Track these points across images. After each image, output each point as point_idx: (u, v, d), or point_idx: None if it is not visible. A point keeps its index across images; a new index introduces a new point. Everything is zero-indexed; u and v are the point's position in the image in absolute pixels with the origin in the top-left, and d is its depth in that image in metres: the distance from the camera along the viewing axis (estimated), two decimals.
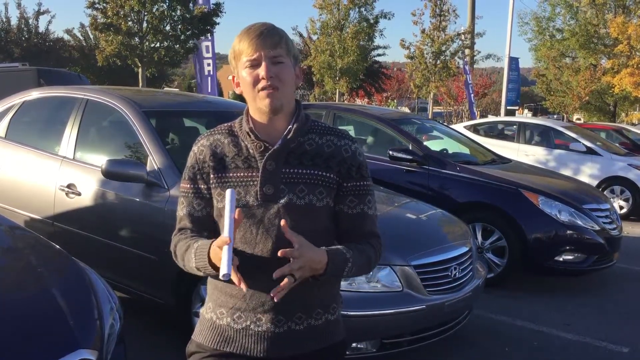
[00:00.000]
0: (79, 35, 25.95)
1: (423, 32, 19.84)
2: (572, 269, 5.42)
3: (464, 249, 3.78)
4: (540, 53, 25.06)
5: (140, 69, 13.92)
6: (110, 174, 3.60)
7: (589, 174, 9.91)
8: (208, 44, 15.44)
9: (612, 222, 5.70)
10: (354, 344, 3.20)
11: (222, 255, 1.38)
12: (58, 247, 2.73)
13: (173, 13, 13.76)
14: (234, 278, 1.42)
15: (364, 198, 1.62)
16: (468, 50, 22.17)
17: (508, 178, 5.69)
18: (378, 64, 31.51)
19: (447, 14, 19.78)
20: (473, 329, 4.21)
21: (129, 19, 13.29)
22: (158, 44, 13.91)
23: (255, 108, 1.56)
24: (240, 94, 1.59)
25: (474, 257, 3.94)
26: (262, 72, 1.50)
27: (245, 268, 1.45)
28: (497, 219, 5.42)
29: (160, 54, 13.76)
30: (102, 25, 13.28)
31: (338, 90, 20.47)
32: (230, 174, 1.57)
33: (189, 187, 1.62)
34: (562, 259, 5.31)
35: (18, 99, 4.84)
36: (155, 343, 3.70)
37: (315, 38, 21.04)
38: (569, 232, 5.30)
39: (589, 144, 10.15)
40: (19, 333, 1.86)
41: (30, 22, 24.84)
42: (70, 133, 4.23)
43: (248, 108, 1.61)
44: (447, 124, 12.01)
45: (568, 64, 24.69)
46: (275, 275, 1.41)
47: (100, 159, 3.75)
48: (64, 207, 4.04)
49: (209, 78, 15.38)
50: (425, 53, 19.90)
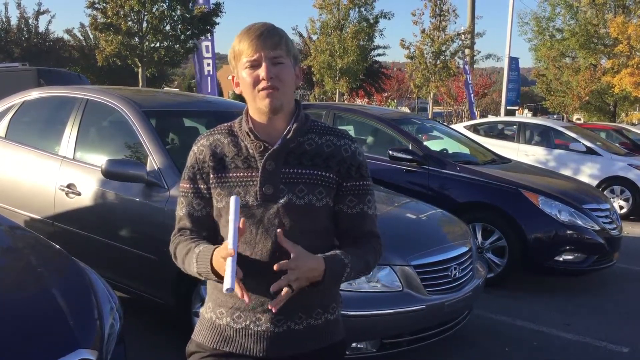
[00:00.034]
0: (79, 35, 25.97)
1: (423, 32, 19.84)
2: (572, 269, 5.42)
3: (464, 249, 3.78)
4: (540, 53, 25.06)
5: (140, 69, 13.92)
6: (110, 174, 3.60)
7: (589, 174, 9.91)
8: (208, 44, 15.46)
9: (612, 222, 5.70)
10: (354, 344, 3.20)
11: (225, 268, 1.38)
12: (58, 247, 2.73)
13: (173, 13, 13.77)
14: (238, 291, 1.42)
15: (364, 198, 1.62)
16: (468, 50, 22.18)
17: (508, 178, 5.69)
18: (378, 64, 31.51)
19: (447, 14, 19.78)
20: (473, 329, 4.21)
21: (129, 19, 13.30)
22: (158, 44, 13.91)
23: (255, 108, 1.56)
24: (240, 94, 1.59)
25: (474, 257, 3.94)
26: (262, 72, 1.50)
27: (245, 268, 1.45)
28: (497, 219, 5.42)
29: (160, 54, 13.77)
30: (102, 25, 13.28)
31: (338, 90, 20.47)
32: (230, 174, 1.57)
33: (189, 187, 1.62)
34: (562, 259, 5.31)
35: (18, 99, 4.84)
36: (155, 343, 3.70)
37: (315, 38, 21.04)
38: (569, 232, 5.30)
39: (589, 144, 10.15)
40: (19, 333, 1.86)
41: (30, 22, 24.86)
42: (70, 133, 4.23)
43: (247, 108, 1.61)
44: (447, 124, 12.00)
45: (568, 64, 24.69)
46: (273, 289, 1.42)
47: (100, 159, 3.75)
48: (64, 207, 4.04)
49: (209, 78, 15.39)
50: (425, 53, 19.90)
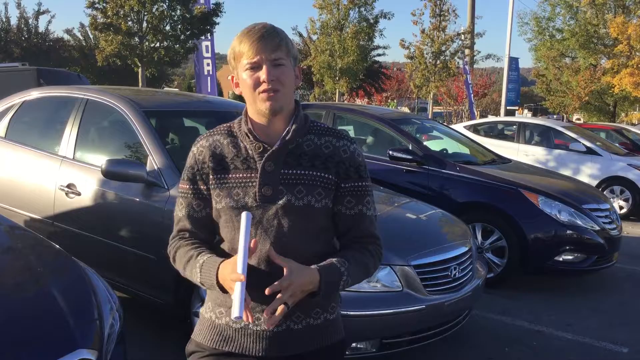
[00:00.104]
0: (79, 35, 25.99)
1: (423, 32, 19.86)
2: (572, 269, 5.42)
3: (464, 249, 3.78)
4: (540, 53, 25.07)
5: (140, 69, 13.94)
6: (110, 174, 3.60)
7: (589, 174, 9.91)
8: (208, 44, 15.48)
9: (612, 222, 5.70)
10: (354, 344, 3.20)
11: (234, 295, 1.38)
12: (58, 247, 2.73)
13: (173, 13, 13.79)
14: (245, 318, 1.41)
15: (362, 199, 1.62)
16: (468, 50, 22.20)
17: (508, 178, 5.69)
18: (378, 64, 31.51)
19: (447, 14, 19.80)
20: (473, 329, 4.21)
21: (129, 19, 13.32)
22: (158, 44, 13.94)
23: (255, 110, 1.56)
24: (240, 94, 1.59)
25: (474, 257, 3.94)
26: (263, 75, 1.50)
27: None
28: (496, 219, 5.42)
29: (160, 54, 13.79)
30: (101, 25, 13.30)
31: (338, 90, 20.48)
32: (230, 175, 1.57)
33: (188, 187, 1.62)
34: (562, 259, 5.31)
35: (18, 99, 4.84)
36: (155, 343, 3.70)
37: (315, 38, 21.05)
38: (569, 232, 5.30)
39: (589, 144, 10.15)
40: (19, 333, 1.86)
41: (30, 22, 24.85)
42: (70, 133, 4.23)
43: (247, 109, 1.61)
44: (447, 124, 12.00)
45: (568, 64, 24.71)
46: (266, 313, 1.42)
47: (100, 159, 3.75)
48: (64, 207, 4.04)
49: (209, 78, 15.41)
50: (425, 53, 19.92)
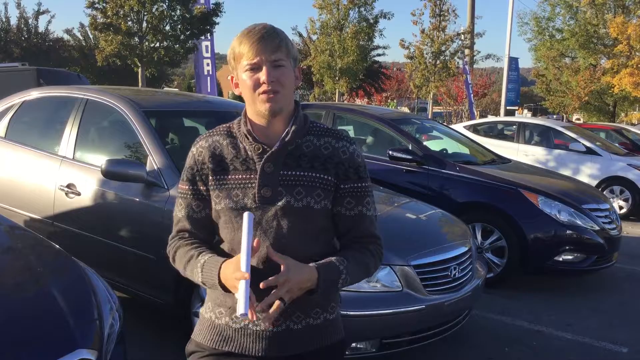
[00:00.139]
0: (79, 35, 26.00)
1: (423, 32, 19.85)
2: (571, 269, 5.42)
3: (464, 249, 3.79)
4: (540, 53, 25.07)
5: (140, 69, 13.94)
6: (110, 174, 3.60)
7: (589, 174, 9.92)
8: (207, 44, 15.48)
9: (611, 222, 5.70)
10: (354, 344, 3.20)
11: (239, 292, 1.38)
12: (58, 247, 2.73)
13: (173, 13, 13.80)
14: (250, 315, 1.40)
15: (362, 199, 1.62)
16: (468, 50, 22.19)
17: (508, 178, 5.69)
18: (378, 64, 31.51)
19: (446, 14, 19.79)
20: (473, 329, 4.22)
21: (129, 19, 13.32)
22: (158, 44, 13.94)
23: (254, 111, 1.56)
24: (239, 95, 1.59)
25: (474, 257, 3.94)
26: (263, 76, 1.50)
27: None
28: (496, 219, 5.42)
29: (160, 54, 13.79)
30: (101, 25, 13.30)
31: (338, 90, 20.47)
32: (229, 176, 1.57)
33: (188, 188, 1.62)
34: (561, 259, 5.31)
35: (17, 99, 4.84)
36: (155, 343, 3.70)
37: (315, 38, 21.04)
38: (569, 232, 5.30)
39: (589, 144, 10.16)
40: (19, 333, 1.86)
41: (30, 22, 24.86)
42: (70, 133, 4.23)
43: (246, 109, 1.60)
44: (446, 124, 12.00)
45: (568, 64, 24.71)
46: (261, 307, 1.41)
47: (100, 159, 3.75)
48: (64, 207, 4.04)
49: (209, 78, 15.41)
50: (425, 53, 19.91)
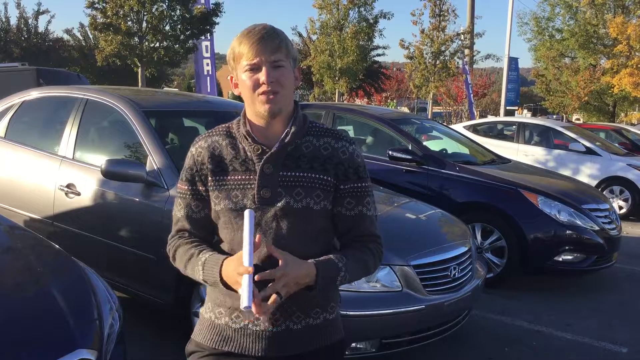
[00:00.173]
0: (79, 35, 26.00)
1: (422, 32, 19.85)
2: (571, 269, 5.43)
3: (463, 249, 3.79)
4: (540, 53, 25.06)
5: (140, 69, 13.94)
6: (110, 174, 3.60)
7: (589, 174, 9.92)
8: (207, 44, 15.47)
9: (611, 222, 5.71)
10: (354, 344, 3.20)
11: (242, 286, 1.38)
12: (58, 247, 2.73)
13: (172, 13, 13.79)
14: (254, 309, 1.40)
15: (362, 199, 1.62)
16: (467, 51, 22.18)
17: (507, 178, 5.69)
18: (377, 64, 31.50)
19: (446, 14, 19.78)
20: (472, 329, 4.22)
21: (129, 19, 13.32)
22: (157, 44, 13.94)
23: (254, 111, 1.55)
24: (239, 95, 1.59)
25: (474, 257, 3.94)
26: (262, 77, 1.49)
27: None
28: (496, 219, 5.42)
29: (160, 54, 13.78)
30: (101, 25, 13.30)
31: (337, 90, 20.47)
32: (228, 177, 1.57)
33: (187, 188, 1.62)
34: (561, 259, 5.31)
35: (17, 99, 4.84)
36: (155, 343, 3.71)
37: (315, 38, 21.03)
38: (569, 232, 5.30)
39: (589, 144, 10.16)
40: (19, 333, 1.86)
41: (30, 22, 24.86)
42: (70, 133, 4.23)
43: (245, 110, 1.60)
44: (446, 124, 12.00)
45: (567, 64, 24.70)
46: (257, 299, 1.40)
47: (100, 159, 3.75)
48: (64, 207, 4.04)
49: (208, 78, 15.40)
50: (425, 53, 19.90)
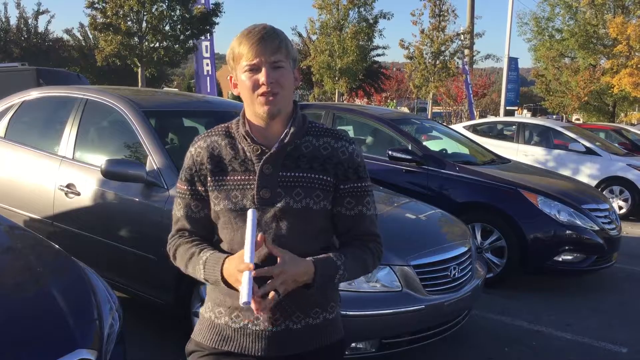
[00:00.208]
0: (79, 35, 26.01)
1: (422, 32, 19.85)
2: (571, 269, 5.43)
3: (463, 249, 3.79)
4: (540, 53, 25.06)
5: (140, 69, 13.94)
6: (110, 174, 3.60)
7: (588, 174, 9.92)
8: (207, 44, 15.47)
9: (611, 222, 5.71)
10: (353, 344, 3.20)
11: (242, 282, 1.38)
12: (58, 247, 2.73)
13: (172, 13, 13.80)
14: (254, 306, 1.41)
15: (362, 199, 1.62)
16: (467, 51, 22.18)
17: (507, 178, 5.69)
18: (377, 64, 31.50)
19: (446, 14, 19.78)
20: (472, 329, 4.22)
21: (128, 19, 13.33)
22: (157, 44, 13.94)
23: (253, 112, 1.55)
24: (238, 95, 1.59)
25: (473, 257, 3.94)
26: (262, 77, 1.49)
27: None
28: (496, 219, 5.42)
29: (160, 54, 13.79)
30: (101, 25, 13.30)
31: (337, 91, 20.46)
32: (228, 177, 1.57)
33: (186, 188, 1.62)
34: (561, 259, 5.31)
35: (17, 99, 4.84)
36: (155, 343, 3.70)
37: (315, 38, 21.03)
38: (568, 232, 5.30)
39: (588, 144, 10.16)
40: (19, 333, 1.87)
41: (30, 22, 24.87)
42: (70, 133, 4.23)
43: (244, 110, 1.60)
44: (446, 124, 12.00)
45: (567, 64, 24.70)
46: (257, 295, 1.40)
47: (100, 159, 3.75)
48: (64, 207, 4.04)
49: (208, 78, 15.40)
50: (425, 53, 19.91)
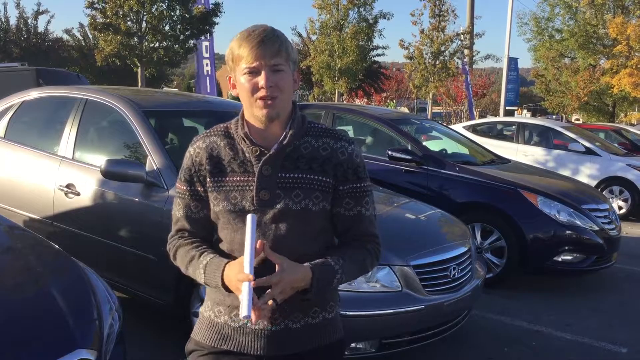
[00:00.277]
0: (78, 35, 26.01)
1: (422, 32, 19.84)
2: (571, 269, 5.43)
3: (463, 249, 3.79)
4: (539, 53, 25.06)
5: (140, 69, 13.94)
6: (110, 174, 3.60)
7: (588, 174, 9.92)
8: (207, 44, 15.48)
9: (611, 222, 5.71)
10: (353, 344, 3.20)
11: (242, 295, 1.38)
12: (58, 247, 2.73)
13: (172, 13, 13.80)
14: (253, 316, 1.40)
15: (361, 200, 1.62)
16: (467, 51, 22.17)
17: (507, 178, 5.69)
18: (377, 64, 31.49)
19: (446, 14, 19.77)
20: (472, 329, 4.22)
21: (128, 19, 13.33)
22: (157, 44, 13.94)
23: (251, 114, 1.55)
24: (237, 96, 1.59)
25: (473, 257, 3.94)
26: (261, 81, 1.48)
27: None
28: (496, 219, 5.42)
29: (160, 54, 13.79)
30: (101, 25, 13.31)
31: (337, 91, 20.46)
32: (227, 178, 1.57)
33: (186, 189, 1.62)
34: (561, 259, 5.31)
35: (17, 99, 4.83)
36: (155, 343, 3.70)
37: (315, 38, 21.03)
38: (568, 232, 5.30)
39: (588, 144, 10.16)
40: (19, 333, 1.87)
41: (30, 22, 24.89)
42: (70, 133, 4.23)
43: (243, 111, 1.59)
44: (446, 124, 12.00)
45: (567, 65, 24.71)
46: (256, 307, 1.40)
47: (100, 159, 3.75)
48: (63, 207, 4.04)
49: (208, 78, 15.40)
50: (425, 53, 19.90)
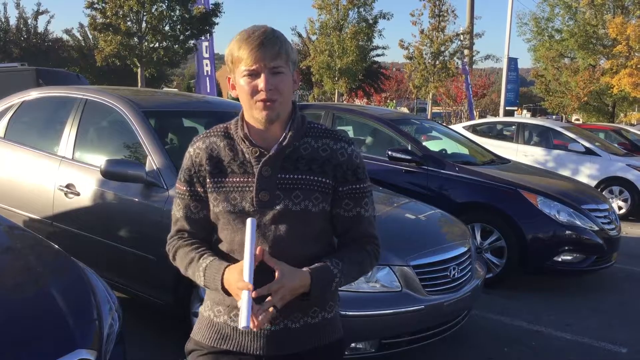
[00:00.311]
0: (78, 36, 26.02)
1: (422, 32, 19.85)
2: (571, 269, 5.43)
3: (463, 249, 3.79)
4: (539, 53, 25.08)
5: (139, 69, 13.94)
6: (109, 174, 3.60)
7: (588, 175, 9.92)
8: (207, 44, 15.48)
9: (610, 222, 5.71)
10: (353, 344, 3.20)
11: (241, 305, 1.38)
12: (57, 247, 2.73)
13: (172, 13, 13.80)
14: (252, 326, 1.40)
15: (360, 201, 1.62)
16: (467, 51, 22.17)
17: (507, 178, 5.69)
18: (377, 65, 31.49)
19: (446, 15, 19.78)
20: (472, 329, 4.22)
21: (128, 19, 13.33)
22: (157, 44, 13.94)
23: (251, 116, 1.55)
24: (236, 97, 1.59)
25: (473, 257, 3.94)
26: (261, 84, 1.48)
27: None
28: (496, 219, 5.42)
29: (159, 54, 13.79)
30: (101, 25, 13.31)
31: (337, 91, 20.46)
32: (227, 179, 1.57)
33: (185, 189, 1.62)
34: (560, 259, 5.31)
35: (17, 99, 4.83)
36: (155, 343, 3.70)
37: (314, 38, 21.02)
38: (568, 232, 5.30)
39: (588, 145, 10.16)
40: (19, 333, 1.87)
41: (29, 22, 24.90)
42: (69, 133, 4.23)
43: (243, 112, 1.59)
44: (446, 125, 11.99)
45: (567, 65, 24.73)
46: (256, 315, 1.40)
47: (99, 159, 3.75)
48: (63, 207, 4.04)
49: (208, 78, 15.40)
50: (424, 53, 19.91)
